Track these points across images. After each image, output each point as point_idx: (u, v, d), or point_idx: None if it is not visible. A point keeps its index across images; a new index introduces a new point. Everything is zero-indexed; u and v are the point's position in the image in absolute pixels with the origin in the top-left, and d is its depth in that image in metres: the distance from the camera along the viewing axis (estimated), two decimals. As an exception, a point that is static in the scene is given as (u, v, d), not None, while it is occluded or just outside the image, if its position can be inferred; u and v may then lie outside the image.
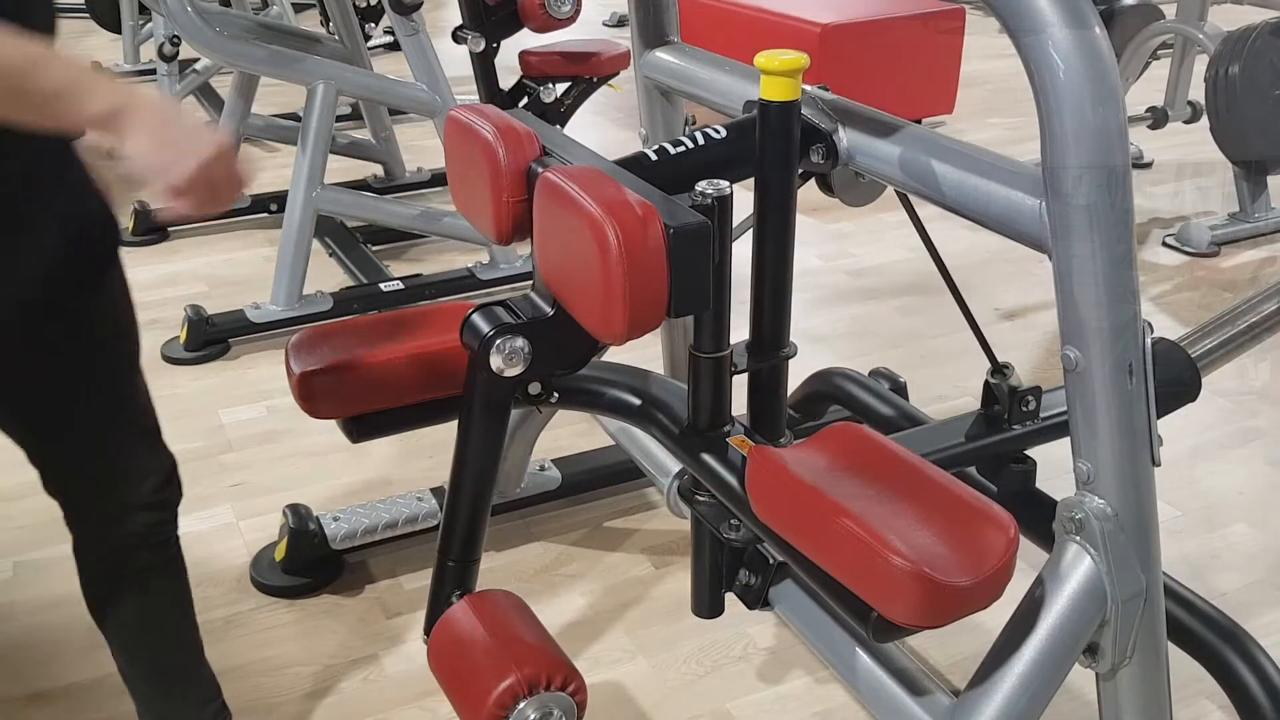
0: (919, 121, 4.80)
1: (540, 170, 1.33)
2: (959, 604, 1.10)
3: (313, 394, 1.54)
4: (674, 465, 1.85)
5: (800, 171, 1.58)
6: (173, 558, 1.56)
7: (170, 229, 3.74)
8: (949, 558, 1.10)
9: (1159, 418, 1.24)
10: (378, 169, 4.09)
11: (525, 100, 3.05)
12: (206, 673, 1.68)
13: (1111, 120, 1.10)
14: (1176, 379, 1.61)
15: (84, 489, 1.46)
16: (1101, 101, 1.09)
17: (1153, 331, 1.21)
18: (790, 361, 1.51)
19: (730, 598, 1.61)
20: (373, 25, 4.22)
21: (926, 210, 1.48)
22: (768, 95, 1.35)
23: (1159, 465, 1.25)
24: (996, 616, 1.31)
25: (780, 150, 1.39)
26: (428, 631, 1.59)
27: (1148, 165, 4.48)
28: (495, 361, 1.35)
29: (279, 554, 2.16)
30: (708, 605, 1.60)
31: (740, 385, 1.48)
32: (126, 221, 3.66)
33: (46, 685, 1.92)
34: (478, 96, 2.99)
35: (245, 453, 2.58)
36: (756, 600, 1.56)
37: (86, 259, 1.36)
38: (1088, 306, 1.16)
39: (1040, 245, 1.20)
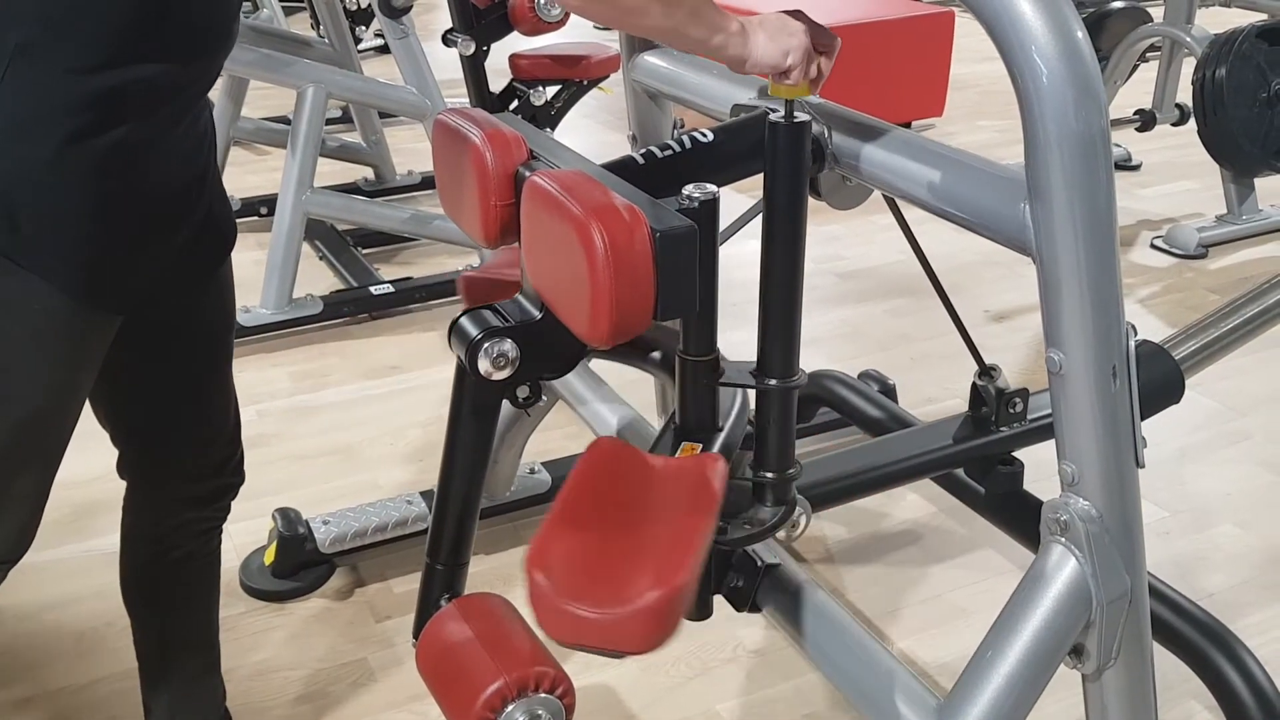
0: (909, 124, 4.82)
1: (528, 174, 1.33)
2: (579, 632, 1.11)
3: None
4: (663, 468, 1.86)
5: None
6: (214, 550, 1.62)
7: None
8: (583, 588, 1.11)
9: (1143, 420, 1.25)
10: (368, 172, 4.09)
11: (515, 103, 3.05)
12: (219, 674, 1.72)
13: (1094, 124, 1.10)
14: (1160, 381, 1.62)
15: (161, 473, 1.53)
16: (1084, 106, 1.09)
17: (1136, 334, 1.22)
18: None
19: (719, 600, 1.61)
20: (363, 28, 4.23)
21: (916, 213, 1.48)
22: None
23: (1143, 467, 1.25)
24: (985, 619, 1.31)
25: (791, 173, 1.34)
26: (416, 635, 1.59)
27: (1136, 168, 4.49)
28: (483, 365, 1.35)
29: (268, 558, 2.16)
30: (696, 607, 1.60)
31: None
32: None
33: (36, 690, 1.92)
34: (468, 100, 3.00)
35: (235, 456, 2.58)
36: (744, 602, 1.56)
37: (207, 250, 1.41)
38: (1071, 310, 1.16)
39: (1024, 249, 1.21)
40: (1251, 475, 2.53)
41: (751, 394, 1.44)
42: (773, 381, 1.38)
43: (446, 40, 2.91)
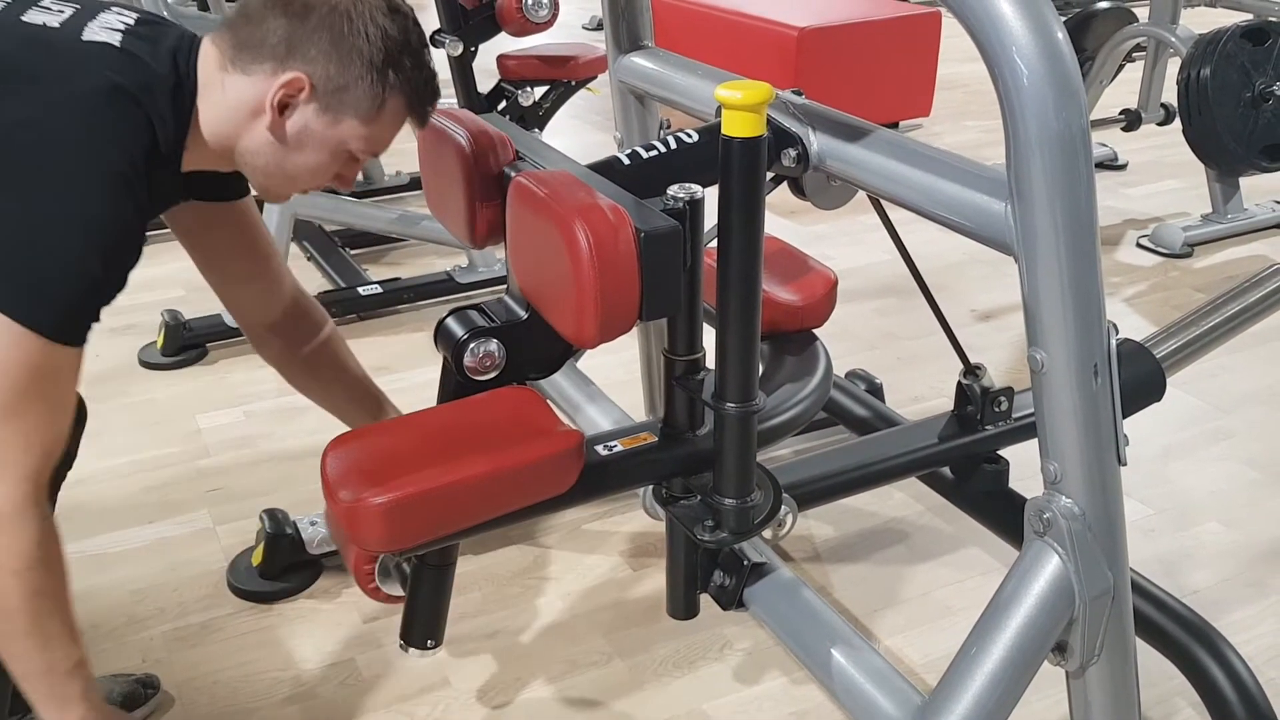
0: (896, 124, 4.83)
1: (513, 174, 1.34)
2: (335, 514, 1.27)
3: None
4: (650, 467, 1.86)
5: (772, 175, 1.59)
6: None
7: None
8: (348, 475, 1.28)
9: (1125, 418, 1.26)
10: (356, 173, 4.08)
11: (504, 104, 3.05)
12: None
13: (1074, 124, 1.11)
14: (1141, 379, 1.63)
15: None
16: (1064, 106, 1.10)
17: (1118, 332, 1.23)
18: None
19: (706, 599, 1.62)
20: (350, 29, 4.19)
21: (902, 212, 1.49)
22: (730, 131, 1.21)
23: (1125, 465, 1.26)
24: (970, 616, 1.32)
25: (747, 198, 1.23)
26: (404, 636, 1.60)
27: (1122, 167, 4.51)
28: (468, 365, 1.36)
29: (256, 559, 2.16)
30: (683, 606, 1.61)
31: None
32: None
33: (22, 692, 1.91)
34: (456, 100, 3.00)
35: (222, 458, 2.58)
36: (731, 601, 1.57)
37: None
38: (1053, 308, 1.17)
39: (1007, 248, 1.22)
40: (1236, 473, 2.54)
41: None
42: (730, 406, 1.33)
43: (434, 41, 2.90)
